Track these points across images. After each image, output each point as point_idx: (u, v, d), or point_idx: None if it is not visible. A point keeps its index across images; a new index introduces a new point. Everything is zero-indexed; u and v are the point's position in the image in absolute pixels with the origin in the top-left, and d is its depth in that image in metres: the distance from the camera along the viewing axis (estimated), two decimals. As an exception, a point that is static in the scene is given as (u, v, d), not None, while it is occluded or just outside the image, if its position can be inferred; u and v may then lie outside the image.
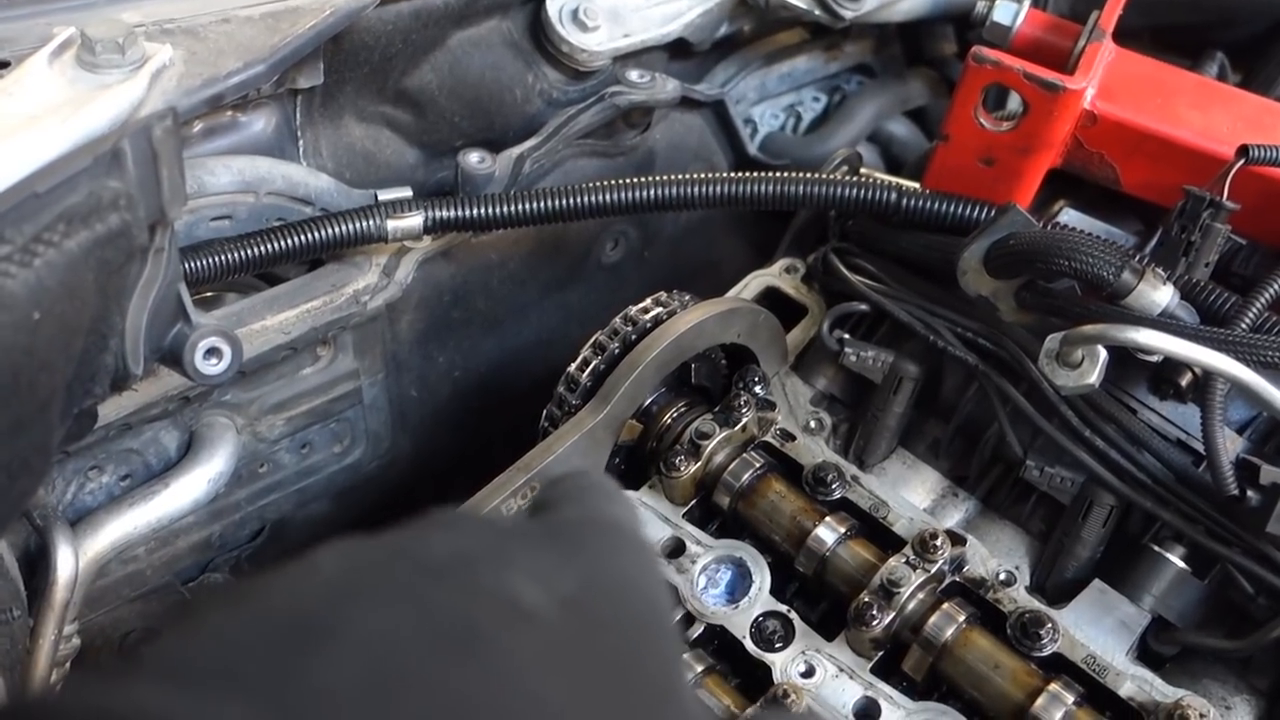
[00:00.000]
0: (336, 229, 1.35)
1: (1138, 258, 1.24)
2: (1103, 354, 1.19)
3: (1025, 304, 1.32)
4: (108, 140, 0.89)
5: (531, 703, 0.52)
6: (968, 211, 1.40)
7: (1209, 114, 1.38)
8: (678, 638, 1.16)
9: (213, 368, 1.10)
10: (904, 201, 1.43)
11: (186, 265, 1.24)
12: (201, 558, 1.51)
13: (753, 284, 1.59)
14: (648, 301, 1.42)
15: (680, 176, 1.47)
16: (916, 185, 1.46)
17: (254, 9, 1.29)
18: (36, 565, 1.23)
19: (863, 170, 1.63)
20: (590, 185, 1.45)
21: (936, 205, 1.41)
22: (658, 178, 1.47)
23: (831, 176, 1.49)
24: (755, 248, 1.93)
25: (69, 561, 1.22)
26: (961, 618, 1.21)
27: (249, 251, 1.29)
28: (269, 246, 1.30)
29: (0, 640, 1.09)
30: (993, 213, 1.37)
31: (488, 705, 0.50)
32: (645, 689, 0.59)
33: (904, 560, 1.24)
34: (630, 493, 1.35)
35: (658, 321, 1.38)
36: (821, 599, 1.31)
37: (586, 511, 0.71)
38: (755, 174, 1.47)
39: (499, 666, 0.52)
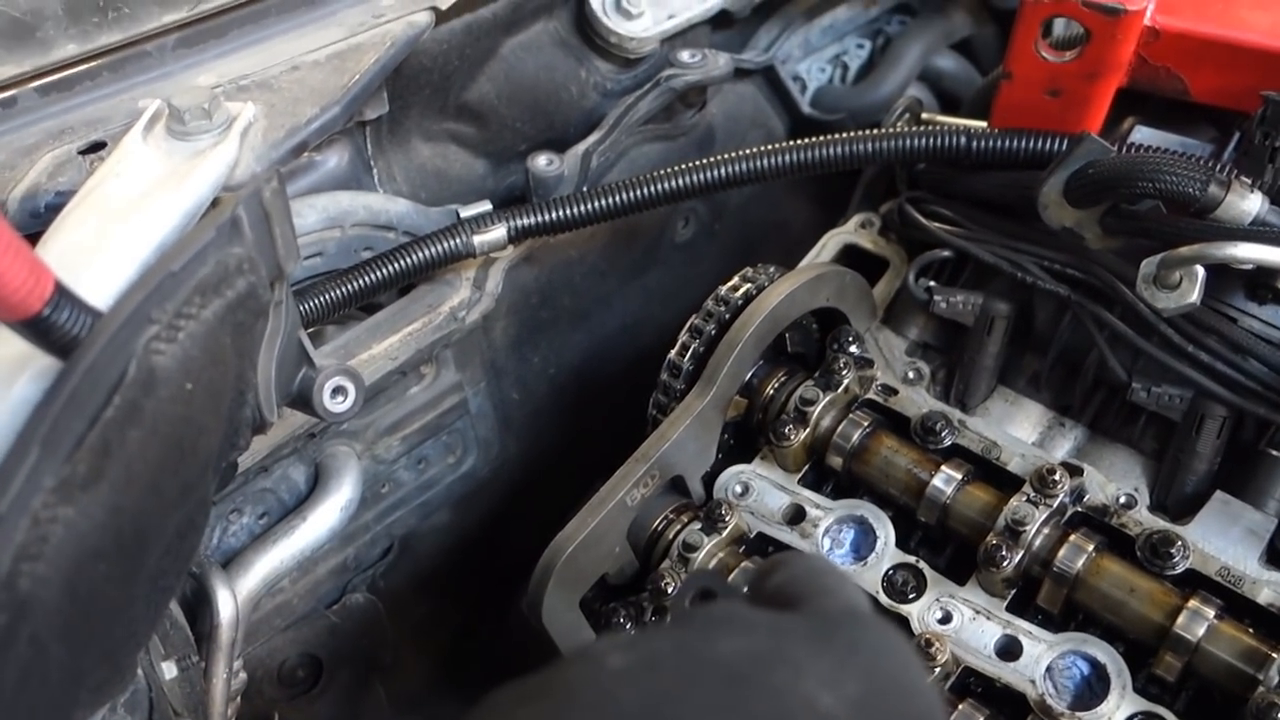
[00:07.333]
0: (428, 252, 1.39)
1: (1222, 169, 1.23)
2: (1201, 272, 1.20)
3: (1111, 229, 1.32)
4: (225, 207, 0.93)
5: None
6: (1041, 145, 1.40)
7: (1273, 12, 1.36)
8: None
9: (340, 405, 1.14)
10: (975, 144, 1.43)
11: (300, 309, 1.28)
12: (340, 580, 1.58)
13: (830, 244, 1.60)
14: (735, 279, 1.44)
15: (748, 151, 1.48)
16: (984, 125, 1.46)
17: (318, 52, 1.32)
18: (197, 611, 1.30)
19: (924, 116, 1.63)
20: (661, 173, 1.47)
21: (1008, 143, 1.41)
22: (726, 155, 1.48)
23: (898, 129, 1.49)
24: (820, 203, 1.95)
25: (229, 603, 1.28)
26: (1090, 547, 1.23)
27: (352, 286, 1.33)
28: (370, 278, 1.34)
29: (183, 685, 1.16)
30: (1067, 144, 1.37)
31: None
32: None
33: (1025, 498, 1.26)
34: (744, 466, 1.38)
35: (749, 298, 1.41)
36: (945, 545, 1.34)
37: (838, 604, 0.74)
38: (822, 138, 1.48)
39: None
